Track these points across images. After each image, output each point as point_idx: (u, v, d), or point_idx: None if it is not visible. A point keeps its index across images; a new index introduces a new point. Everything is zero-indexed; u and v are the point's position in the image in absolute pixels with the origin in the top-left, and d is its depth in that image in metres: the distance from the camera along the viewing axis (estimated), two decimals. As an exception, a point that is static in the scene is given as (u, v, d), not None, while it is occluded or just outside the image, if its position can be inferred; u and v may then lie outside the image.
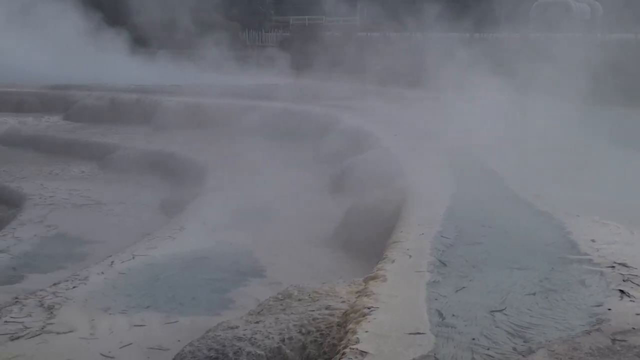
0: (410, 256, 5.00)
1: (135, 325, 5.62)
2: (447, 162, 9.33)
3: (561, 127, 10.72)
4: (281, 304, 4.79)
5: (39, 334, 5.36)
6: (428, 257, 4.99)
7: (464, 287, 4.39)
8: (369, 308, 3.92)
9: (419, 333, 3.60)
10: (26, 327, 5.48)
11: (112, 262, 7.20)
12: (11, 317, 5.68)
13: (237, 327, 4.46)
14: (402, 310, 3.94)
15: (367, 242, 7.45)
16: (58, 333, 5.39)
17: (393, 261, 4.89)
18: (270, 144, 13.24)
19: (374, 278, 4.55)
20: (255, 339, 4.22)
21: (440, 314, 3.89)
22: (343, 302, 4.61)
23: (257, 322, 4.49)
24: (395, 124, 12.77)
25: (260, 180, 11.13)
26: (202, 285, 6.79)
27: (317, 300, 4.74)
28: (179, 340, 5.22)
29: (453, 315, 3.89)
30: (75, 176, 13.88)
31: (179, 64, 25.38)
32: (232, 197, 10.28)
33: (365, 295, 4.18)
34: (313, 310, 4.54)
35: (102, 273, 6.83)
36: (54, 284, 6.53)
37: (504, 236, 5.73)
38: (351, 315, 4.02)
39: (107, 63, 24.81)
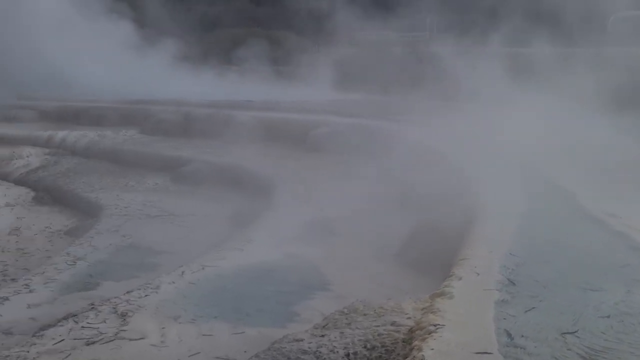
0: (478, 274, 4.91)
1: (203, 335, 5.74)
2: (517, 178, 9.11)
3: (635, 144, 10.32)
4: (346, 319, 4.80)
5: (112, 340, 5.56)
6: (496, 275, 4.89)
7: (533, 308, 4.27)
8: (435, 325, 3.88)
9: (486, 353, 3.53)
10: (101, 333, 5.69)
11: (183, 272, 7.39)
12: (87, 323, 5.92)
13: (302, 340, 4.50)
14: (469, 328, 3.87)
15: (434, 258, 7.35)
16: (130, 339, 5.57)
17: (460, 278, 4.81)
18: (338, 158, 13.33)
19: (440, 295, 4.49)
20: (320, 352, 4.24)
21: (509, 334, 3.80)
22: (409, 318, 4.58)
23: (322, 336, 4.51)
24: (463, 140, 12.59)
25: (328, 194, 11.20)
26: (269, 297, 6.88)
27: (383, 315, 4.72)
28: (245, 351, 5.31)
29: (522, 336, 3.79)
30: (149, 188, 14.35)
31: (250, 79, 25.89)
32: (300, 211, 10.38)
33: (432, 312, 4.14)
34: (378, 326, 4.53)
35: (173, 282, 7.03)
36: (128, 292, 6.76)
37: (577, 256, 5.55)
38: (417, 332, 3.99)
39: (177, 78, 25.61)
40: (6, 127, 21.24)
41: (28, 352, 5.34)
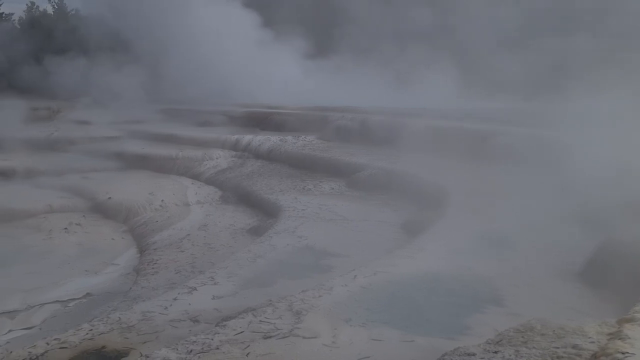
0: (675, 301, 4.45)
1: (373, 339, 5.80)
2: None
3: None
4: (522, 337, 4.58)
5: (287, 336, 5.80)
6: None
7: None
8: (623, 353, 3.58)
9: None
10: (277, 328, 5.97)
11: (355, 275, 7.53)
12: (265, 318, 6.25)
13: (474, 354, 4.38)
14: (663, 361, 3.52)
15: (621, 281, 6.79)
16: (304, 337, 5.79)
17: (654, 305, 4.39)
18: (515, 169, 12.76)
19: (629, 321, 4.13)
20: (493, 369, 4.09)
21: None
22: (592, 342, 4.26)
23: (495, 352, 4.35)
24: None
25: (502, 207, 10.77)
26: (439, 308, 6.78)
27: (563, 337, 4.44)
28: (414, 360, 5.28)
29: None
30: (325, 192, 14.80)
31: (428, 86, 25.70)
32: (473, 222, 10.12)
33: (619, 339, 3.82)
34: (557, 348, 4.26)
35: (346, 285, 7.18)
36: (303, 291, 7.02)
37: None
38: (601, 358, 3.70)
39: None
40: (199, 131, 23.16)
41: (212, 340, 5.75)
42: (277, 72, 29.04)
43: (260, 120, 23.57)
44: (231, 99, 27.17)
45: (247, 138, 20.78)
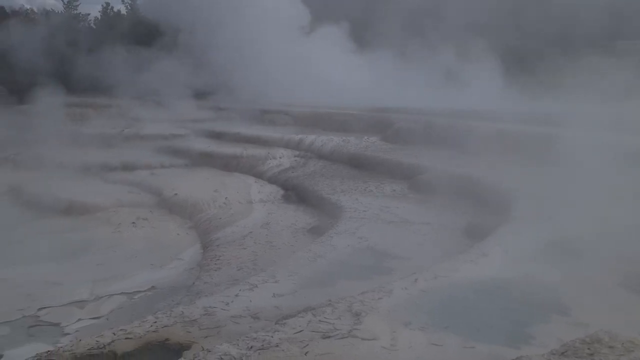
0: None
1: (432, 344, 5.75)
2: None
3: None
4: (588, 348, 4.45)
5: (346, 337, 5.82)
6: None
7: None
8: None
9: None
10: (336, 329, 6.00)
11: (416, 279, 7.47)
12: (324, 317, 6.28)
13: (537, 364, 4.28)
14: None
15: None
16: (363, 339, 5.79)
17: None
18: (580, 175, 12.36)
19: None
20: (556, 380, 3.99)
21: None
22: (664, 358, 4.09)
23: (559, 363, 4.24)
24: None
25: (569, 213, 10.44)
26: (501, 315, 6.66)
27: (632, 351, 4.29)
28: (474, 367, 5.20)
29: None
30: (387, 194, 14.73)
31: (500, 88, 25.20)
32: (539, 228, 9.84)
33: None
34: (626, 362, 4.12)
35: (406, 288, 7.14)
36: (362, 293, 7.02)
37: None
38: (673, 375, 3.55)
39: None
40: (264, 130, 23.47)
41: (272, 337, 5.82)
42: (321, 69, 29.03)
43: (324, 121, 23.67)
44: (272, 97, 27.48)
45: (310, 138, 20.92)
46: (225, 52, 29.27)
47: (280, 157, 20.06)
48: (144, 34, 33.00)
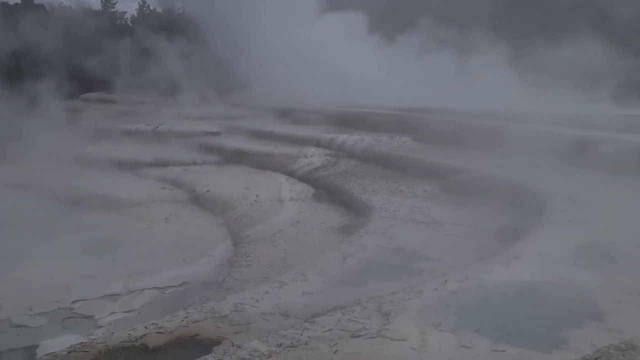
0: None
1: (462, 346, 5.70)
2: None
3: None
4: (623, 355, 4.38)
5: (375, 337, 5.81)
6: None
7: None
8: None
9: None
10: (365, 328, 5.99)
11: (446, 280, 7.42)
12: (353, 317, 6.28)
13: (569, 369, 4.21)
14: None
15: None
16: (392, 339, 5.77)
17: None
18: (618, 179, 12.15)
19: None
20: (589, 386, 3.93)
21: None
22: (701, 368, 4.00)
23: (592, 369, 4.18)
24: None
25: (606, 217, 10.27)
26: (533, 319, 6.56)
27: (668, 359, 4.20)
28: (505, 371, 5.14)
29: None
30: (418, 194, 14.64)
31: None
32: (574, 232, 9.69)
33: None
34: (661, 370, 4.04)
35: (436, 290, 7.10)
36: (392, 293, 7.00)
37: None
38: None
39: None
40: (295, 128, 23.54)
41: (301, 335, 5.85)
42: (351, 69, 28.96)
43: (355, 120, 23.64)
44: (301, 96, 27.51)
45: (341, 137, 20.91)
46: (254, 52, 29.42)
47: (311, 156, 20.09)
48: (177, 31, 33.36)
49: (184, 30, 33.27)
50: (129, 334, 6.50)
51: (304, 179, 18.47)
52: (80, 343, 6.52)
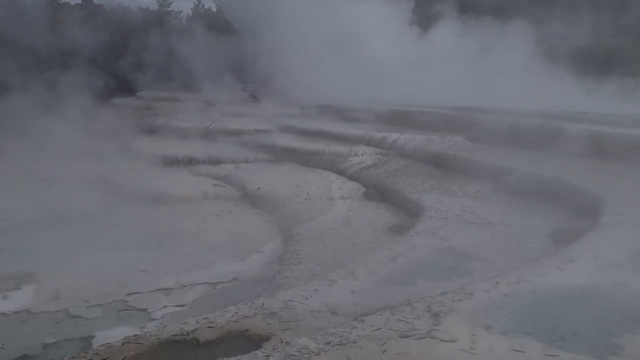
0: None
1: (514, 350, 5.61)
2: None
3: None
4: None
5: (424, 337, 5.78)
6: None
7: None
8: None
9: None
10: (414, 328, 5.97)
11: (498, 282, 7.32)
12: (403, 317, 6.27)
13: (625, 376, 4.10)
14: None
15: None
16: (441, 340, 5.74)
17: None
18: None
19: None
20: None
21: None
22: None
23: (649, 377, 4.06)
24: None
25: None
26: (587, 323, 6.41)
27: None
28: (558, 376, 5.04)
29: None
30: (470, 194, 14.45)
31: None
32: (630, 236, 9.41)
33: None
34: None
35: (487, 291, 7.01)
36: (442, 294, 6.95)
37: None
38: None
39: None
40: (345, 127, 23.52)
41: (350, 333, 5.87)
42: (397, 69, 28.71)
43: (406, 119, 23.45)
44: (349, 95, 27.42)
45: (392, 136, 20.78)
46: (303, 53, 29.49)
47: (362, 155, 20.06)
48: (228, 31, 33.73)
49: (233, 30, 33.57)
50: (181, 328, 6.65)
51: (354, 177, 18.46)
52: (134, 335, 6.70)
